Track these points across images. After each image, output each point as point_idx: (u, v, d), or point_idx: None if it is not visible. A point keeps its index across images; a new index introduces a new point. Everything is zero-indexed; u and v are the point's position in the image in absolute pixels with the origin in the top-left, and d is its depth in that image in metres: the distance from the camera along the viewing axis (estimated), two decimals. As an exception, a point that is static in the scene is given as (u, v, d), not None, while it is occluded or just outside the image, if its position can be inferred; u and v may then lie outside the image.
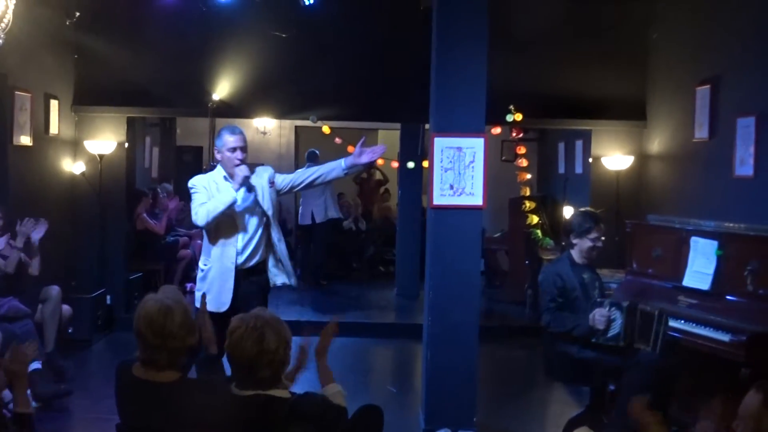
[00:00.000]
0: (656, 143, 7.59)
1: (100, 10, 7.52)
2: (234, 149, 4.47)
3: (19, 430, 2.82)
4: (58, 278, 6.50)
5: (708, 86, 6.34)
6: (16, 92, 6.56)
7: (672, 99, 7.26)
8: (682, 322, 4.82)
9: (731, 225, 5.10)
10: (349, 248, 11.25)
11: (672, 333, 4.81)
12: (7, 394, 4.48)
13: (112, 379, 2.90)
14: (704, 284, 4.94)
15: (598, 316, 4.42)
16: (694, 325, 4.74)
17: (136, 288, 8.09)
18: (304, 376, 3.42)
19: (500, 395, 6.14)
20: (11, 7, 3.99)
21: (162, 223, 9.07)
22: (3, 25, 3.96)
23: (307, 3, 7.39)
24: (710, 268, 4.93)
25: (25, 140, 6.76)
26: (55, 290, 5.92)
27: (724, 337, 4.46)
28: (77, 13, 7.34)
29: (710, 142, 6.36)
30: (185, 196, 7.62)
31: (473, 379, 4.96)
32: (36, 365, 5.23)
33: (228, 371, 2.99)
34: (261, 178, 4.57)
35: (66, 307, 6.14)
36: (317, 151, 9.94)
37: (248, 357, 2.69)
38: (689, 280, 5.07)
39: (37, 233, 5.85)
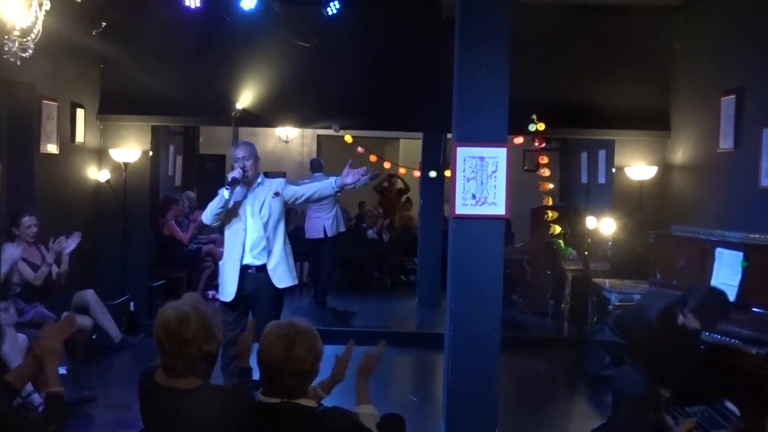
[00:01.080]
0: (680, 153, 7.53)
1: (125, 21, 7.63)
2: (236, 159, 5.13)
3: (50, 409, 2.82)
4: (82, 285, 6.60)
5: (733, 96, 6.29)
6: (43, 101, 6.66)
7: (696, 109, 7.20)
8: (707, 334, 4.77)
9: (757, 236, 5.05)
10: (369, 257, 11.25)
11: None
12: (36, 397, 4.53)
13: (135, 385, 2.92)
14: (729, 296, 4.88)
15: None
16: (719, 337, 4.69)
17: (159, 295, 8.14)
18: (339, 390, 3.33)
19: (521, 406, 6.10)
20: (41, 18, 4.06)
21: (188, 233, 9.14)
22: (32, 35, 4.03)
23: (330, 13, 7.44)
24: (735, 280, 4.88)
25: (52, 148, 6.86)
26: (89, 294, 6.37)
27: (750, 350, 4.41)
28: (103, 24, 7.47)
29: (735, 153, 6.30)
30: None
31: (494, 389, 4.93)
32: (61, 371, 5.26)
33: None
34: (269, 188, 5.15)
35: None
36: (321, 161, 9.93)
37: (275, 363, 2.67)
38: (714, 292, 5.01)
39: (69, 246, 5.93)
